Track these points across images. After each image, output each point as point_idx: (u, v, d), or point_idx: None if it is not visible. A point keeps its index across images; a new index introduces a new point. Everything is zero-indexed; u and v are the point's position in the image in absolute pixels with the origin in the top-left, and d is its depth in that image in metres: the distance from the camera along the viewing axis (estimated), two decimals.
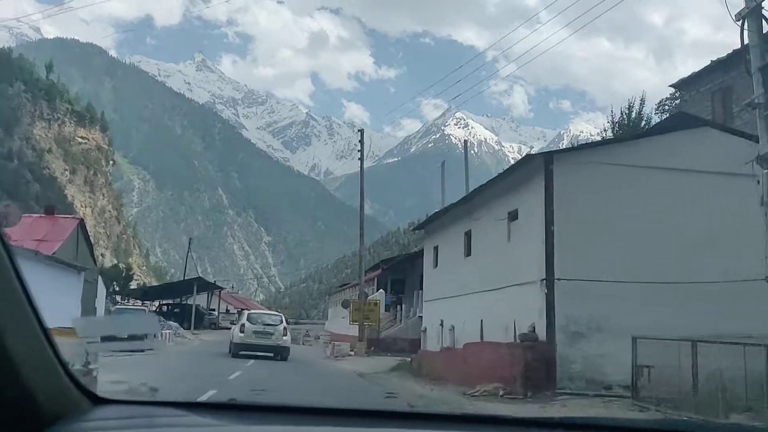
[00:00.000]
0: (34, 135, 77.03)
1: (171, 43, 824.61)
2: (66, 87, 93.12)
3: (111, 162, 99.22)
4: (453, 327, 20.66)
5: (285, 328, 24.41)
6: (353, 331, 34.82)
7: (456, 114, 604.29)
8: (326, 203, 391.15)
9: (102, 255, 78.93)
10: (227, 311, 65.03)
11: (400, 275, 39.01)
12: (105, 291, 41.73)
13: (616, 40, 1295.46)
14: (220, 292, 62.29)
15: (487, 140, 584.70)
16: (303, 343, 39.14)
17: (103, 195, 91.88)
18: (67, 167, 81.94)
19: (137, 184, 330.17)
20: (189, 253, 61.48)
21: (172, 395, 3.03)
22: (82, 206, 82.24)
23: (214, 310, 59.52)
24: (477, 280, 18.65)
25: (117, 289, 50.62)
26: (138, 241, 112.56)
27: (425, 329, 24.53)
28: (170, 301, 57.61)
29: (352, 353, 28.26)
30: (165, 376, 12.44)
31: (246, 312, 27.88)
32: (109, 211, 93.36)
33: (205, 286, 56.66)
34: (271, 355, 23.17)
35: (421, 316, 30.32)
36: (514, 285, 15.85)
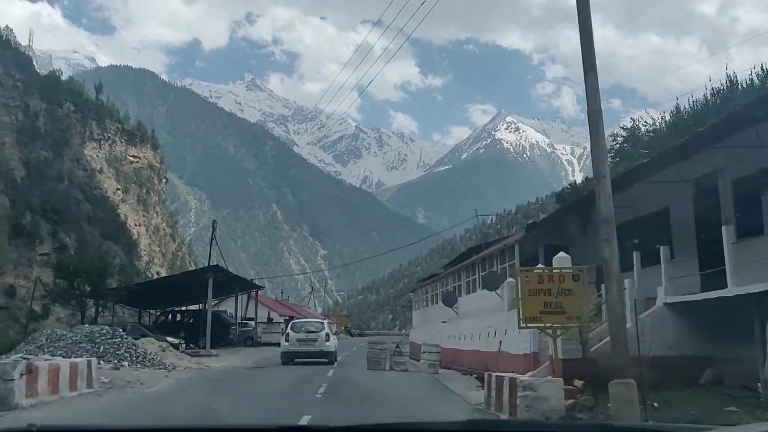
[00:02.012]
0: (84, 155, 76.59)
1: (220, 64, 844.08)
2: (116, 106, 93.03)
3: (164, 180, 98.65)
4: None
5: (327, 334, 24.90)
6: (475, 342, 21.47)
7: (506, 118, 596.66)
8: (379, 214, 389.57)
9: (158, 273, 77.79)
10: (269, 320, 48.85)
11: (560, 239, 20.53)
12: None
13: (666, 34, 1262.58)
14: (257, 294, 46.59)
15: (539, 143, 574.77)
16: (391, 367, 22.39)
17: (157, 213, 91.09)
18: (119, 186, 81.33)
19: (193, 204, 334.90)
20: (213, 240, 43.87)
21: None
22: (135, 225, 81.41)
23: (251, 319, 44.73)
24: None
25: (88, 289, 34.85)
26: (194, 258, 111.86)
27: None
28: (181, 309, 43.61)
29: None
30: None
31: (291, 322, 28.94)
32: (164, 229, 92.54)
33: (230, 282, 39.75)
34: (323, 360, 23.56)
35: (686, 303, 14.54)
36: None
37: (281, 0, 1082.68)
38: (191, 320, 38.67)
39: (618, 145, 39.12)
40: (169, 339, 27.83)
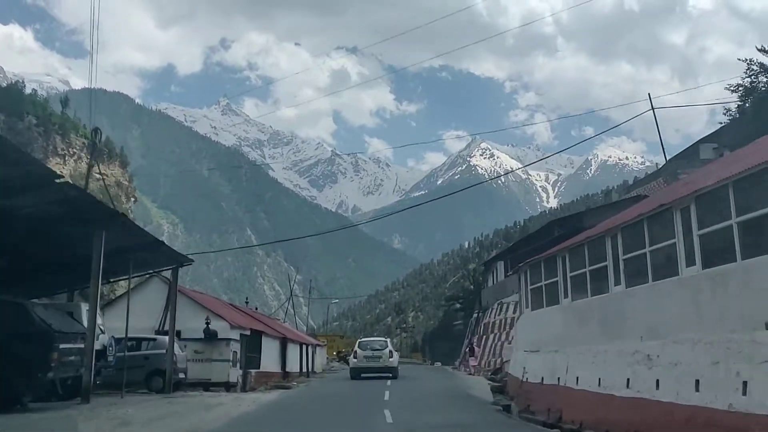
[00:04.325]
0: None
1: (195, 89, 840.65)
2: (82, 121, 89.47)
3: (132, 199, 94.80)
4: None
5: (391, 351, 27.16)
6: None
7: (481, 144, 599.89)
8: (355, 240, 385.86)
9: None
10: (208, 334, 23.65)
11: None
12: None
13: (638, 62, 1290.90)
14: (176, 276, 21.72)
15: (514, 169, 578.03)
16: None
17: None
18: None
19: (166, 228, 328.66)
20: (94, 153, 34.21)
21: None
22: None
23: (163, 333, 21.91)
24: None
25: None
26: None
27: None
28: None
29: None
30: None
31: (358, 341, 31.48)
32: None
33: (98, 219, 14.85)
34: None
35: None
36: None
37: (255, 26, 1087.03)
38: None
39: (748, 80, 32.21)
40: None
